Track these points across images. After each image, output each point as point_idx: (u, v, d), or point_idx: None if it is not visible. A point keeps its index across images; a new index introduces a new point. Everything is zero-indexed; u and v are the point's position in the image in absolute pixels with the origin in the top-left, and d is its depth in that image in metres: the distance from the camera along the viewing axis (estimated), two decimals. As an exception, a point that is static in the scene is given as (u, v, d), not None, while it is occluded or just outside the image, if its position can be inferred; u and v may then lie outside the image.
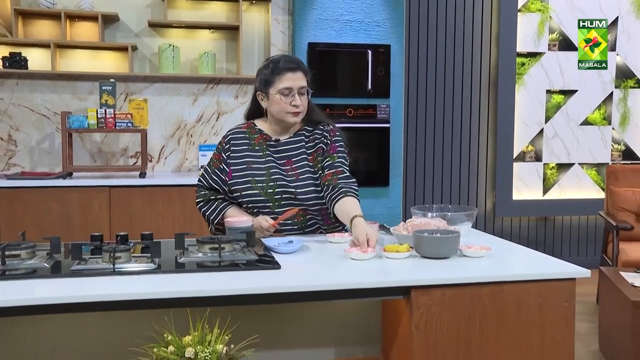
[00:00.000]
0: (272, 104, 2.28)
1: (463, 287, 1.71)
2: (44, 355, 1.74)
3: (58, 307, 1.53)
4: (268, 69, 2.28)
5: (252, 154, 2.34)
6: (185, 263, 1.82)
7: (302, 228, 2.32)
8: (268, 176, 2.29)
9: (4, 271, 1.70)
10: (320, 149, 2.33)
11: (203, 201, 2.39)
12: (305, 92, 2.29)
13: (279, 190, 2.26)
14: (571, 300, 1.76)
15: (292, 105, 2.25)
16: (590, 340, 3.74)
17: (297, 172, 2.30)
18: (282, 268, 1.78)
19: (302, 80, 2.27)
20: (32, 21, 4.35)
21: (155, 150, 4.62)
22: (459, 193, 5.34)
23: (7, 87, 4.35)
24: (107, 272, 1.72)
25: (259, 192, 2.26)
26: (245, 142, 2.36)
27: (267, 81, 2.27)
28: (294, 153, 2.34)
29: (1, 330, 1.71)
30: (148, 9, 4.55)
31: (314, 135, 2.36)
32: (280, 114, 2.28)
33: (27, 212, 3.83)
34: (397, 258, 1.88)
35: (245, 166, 2.31)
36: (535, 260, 1.95)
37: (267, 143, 2.35)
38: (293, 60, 2.29)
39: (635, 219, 4.28)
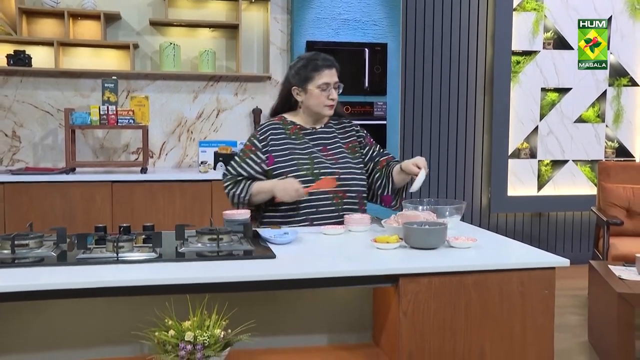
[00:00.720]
0: (311, 97, 2.47)
1: (449, 275, 1.80)
2: (51, 339, 1.83)
3: (65, 293, 1.62)
4: (306, 66, 2.47)
5: (291, 141, 2.50)
6: (185, 252, 1.91)
7: (338, 210, 2.44)
8: (311, 160, 2.46)
9: (14, 259, 1.79)
10: (356, 141, 2.60)
11: (231, 184, 2.50)
12: (338, 87, 2.50)
13: (323, 172, 2.43)
14: (551, 288, 1.85)
15: (329, 98, 2.47)
16: (579, 332, 3.83)
17: (336, 157, 2.50)
18: (277, 257, 1.87)
19: (336, 76, 2.49)
20: (36, 20, 4.43)
21: (156, 147, 4.71)
22: (454, 189, 5.43)
23: (12, 84, 4.44)
24: (111, 260, 1.81)
25: (305, 173, 2.42)
26: (282, 131, 2.52)
27: (307, 77, 2.46)
28: (329, 141, 2.55)
29: (12, 315, 1.80)
30: (149, 7, 4.64)
31: (344, 127, 2.62)
32: (318, 107, 2.48)
33: (32, 206, 3.92)
34: (387, 249, 1.97)
35: (288, 152, 2.47)
36: (518, 251, 2.04)
37: (302, 132, 2.53)
38: (328, 58, 2.50)
39: (625, 214, 4.37)
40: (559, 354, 3.49)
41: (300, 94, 2.50)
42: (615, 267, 3.49)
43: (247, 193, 2.44)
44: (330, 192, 2.41)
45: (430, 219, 2.14)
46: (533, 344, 1.85)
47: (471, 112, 5.40)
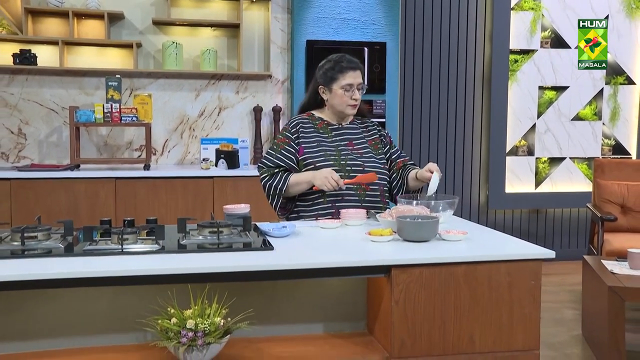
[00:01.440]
0: (335, 97, 2.60)
1: (439, 266, 1.88)
2: (59, 326, 1.91)
3: (72, 282, 1.71)
4: (333, 67, 2.59)
5: (320, 135, 2.63)
6: (187, 244, 1.99)
7: (361, 202, 2.55)
8: (338, 152, 2.59)
9: (23, 250, 1.88)
10: (379, 139, 2.73)
11: (267, 175, 2.59)
12: (361, 88, 2.61)
13: (350, 162, 2.57)
14: (537, 278, 1.92)
15: (352, 99, 2.59)
16: (574, 326, 3.91)
17: (361, 151, 2.64)
18: (275, 249, 1.95)
19: (360, 78, 2.61)
20: (41, 19, 4.51)
21: (158, 144, 4.79)
22: (453, 186, 5.50)
23: (17, 83, 4.53)
24: (116, 252, 1.89)
25: (333, 163, 2.55)
26: (311, 125, 2.65)
27: (332, 78, 2.58)
28: (354, 137, 2.68)
29: (21, 304, 1.88)
30: (152, 7, 4.71)
31: (368, 126, 2.76)
32: (341, 106, 2.61)
33: (38, 201, 4.01)
34: (380, 241, 2.05)
35: (316, 144, 2.60)
36: (506, 243, 2.12)
37: (329, 127, 2.66)
38: (353, 60, 2.62)
39: (620, 210, 4.44)
40: (553, 347, 3.57)
41: (325, 93, 2.63)
42: (608, 262, 3.56)
43: (285, 184, 2.53)
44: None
45: (423, 213, 2.22)
46: (520, 332, 1.93)
47: (469, 110, 5.47)
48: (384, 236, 2.06)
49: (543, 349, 3.53)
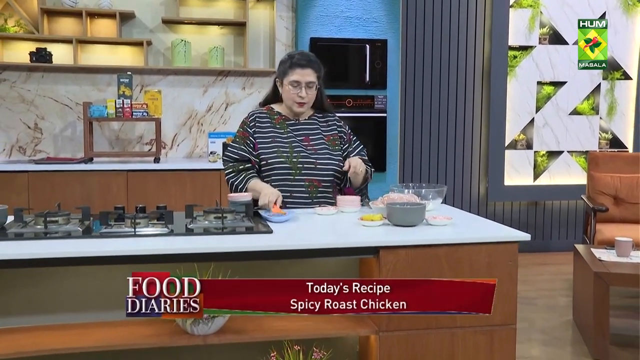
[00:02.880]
0: (284, 92, 2.66)
1: (423, 248, 2.06)
2: (78, 302, 2.10)
3: (90, 260, 1.90)
4: (286, 62, 2.65)
5: (275, 130, 2.68)
6: (194, 228, 2.17)
7: (312, 198, 2.63)
8: (291, 148, 2.63)
9: (46, 233, 2.07)
10: (337, 135, 2.74)
11: (233, 172, 2.65)
12: (312, 87, 2.63)
13: (302, 160, 2.61)
14: (514, 259, 2.10)
15: (299, 96, 2.62)
16: (565, 312, 4.07)
17: (316, 147, 2.66)
18: (274, 232, 2.13)
19: (311, 76, 2.62)
20: (56, 19, 4.70)
21: (168, 138, 4.98)
22: (453, 179, 5.66)
23: (34, 80, 4.73)
24: (129, 234, 2.08)
25: (284, 160, 2.59)
26: (268, 120, 2.70)
27: (283, 72, 2.64)
28: (311, 132, 2.70)
29: (45, 280, 2.08)
30: (162, 6, 4.90)
31: (328, 121, 2.76)
32: (289, 102, 2.66)
33: (54, 193, 4.20)
34: (371, 226, 2.23)
35: (271, 139, 2.65)
36: (487, 227, 2.29)
37: (286, 122, 2.70)
38: (305, 58, 2.64)
39: (613, 202, 4.58)
40: (545, 331, 3.74)
41: (280, 87, 2.69)
42: (597, 250, 3.72)
43: (244, 186, 2.61)
44: (306, 180, 2.60)
45: (412, 200, 2.39)
46: (499, 309, 2.09)
47: (469, 104, 5.63)
48: (375, 221, 2.24)
49: (535, 333, 3.72)
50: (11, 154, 4.73)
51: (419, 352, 2.08)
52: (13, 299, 2.08)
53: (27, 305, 2.08)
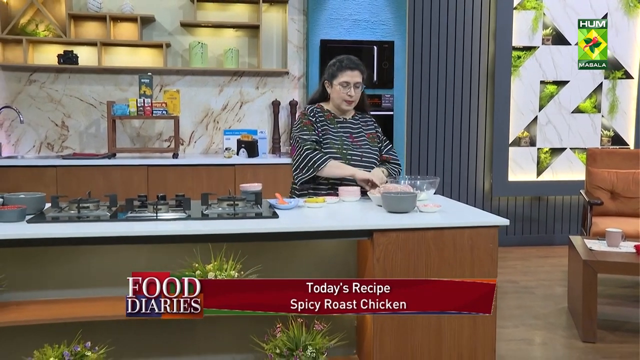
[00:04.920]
0: (334, 92, 2.97)
1: (412, 231, 2.30)
2: (106, 278, 2.38)
3: (117, 240, 2.17)
4: (334, 65, 2.95)
5: (327, 124, 2.98)
6: (209, 214, 2.44)
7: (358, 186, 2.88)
8: (341, 141, 2.95)
9: (79, 217, 2.35)
10: (375, 134, 3.08)
11: (312, 149, 2.86)
12: (359, 87, 2.95)
13: (350, 152, 2.93)
14: (495, 242, 2.33)
15: (348, 95, 2.92)
16: (561, 301, 4.28)
17: (359, 143, 2.98)
18: (280, 217, 2.39)
19: (358, 77, 2.93)
20: (82, 23, 4.99)
21: (186, 135, 5.26)
22: (459, 175, 5.88)
23: (61, 81, 5.03)
24: (152, 218, 2.35)
25: (336, 151, 2.90)
26: (322, 115, 2.99)
27: (333, 74, 2.95)
28: (354, 130, 3.02)
29: (78, 259, 2.36)
30: (180, 10, 5.17)
31: (367, 121, 3.10)
32: (338, 100, 2.96)
33: (79, 186, 4.49)
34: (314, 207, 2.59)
35: (325, 132, 2.95)
36: (470, 213, 2.53)
37: (335, 119, 3.01)
38: (353, 61, 2.95)
39: (610, 196, 4.78)
40: (539, 317, 3.96)
41: (328, 87, 3.00)
42: (589, 241, 3.93)
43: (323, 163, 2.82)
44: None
45: (406, 189, 2.63)
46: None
47: (474, 103, 5.84)
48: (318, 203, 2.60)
49: (529, 319, 3.95)
50: (40, 150, 5.05)
51: (409, 327, 2.33)
52: (51, 275, 2.36)
53: (63, 280, 2.37)
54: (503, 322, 3.81)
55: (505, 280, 4.78)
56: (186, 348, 2.46)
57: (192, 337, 2.46)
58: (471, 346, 2.38)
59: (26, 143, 5.02)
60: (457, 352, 2.38)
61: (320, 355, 2.29)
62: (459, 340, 2.37)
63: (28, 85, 4.98)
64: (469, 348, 2.38)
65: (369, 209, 2.60)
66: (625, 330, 3.67)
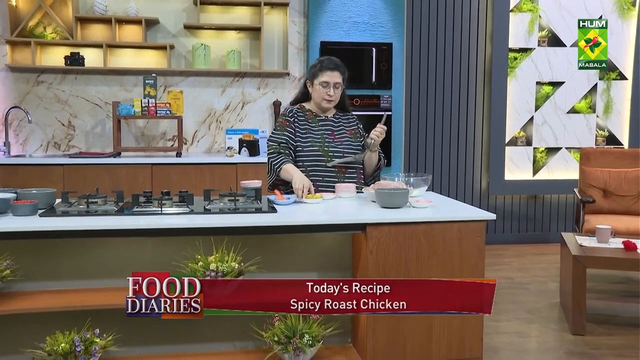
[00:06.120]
0: (315, 91, 3.10)
1: (404, 225, 2.43)
2: (113, 269, 2.50)
3: (124, 232, 2.30)
4: (316, 66, 3.08)
5: (308, 124, 3.11)
6: (211, 208, 2.56)
7: (340, 181, 3.04)
8: (322, 139, 3.08)
9: (88, 211, 2.48)
10: (357, 130, 3.20)
11: (274, 153, 3.03)
12: (339, 87, 3.07)
13: (332, 149, 3.05)
14: (482, 235, 2.46)
15: (328, 94, 3.05)
16: (554, 296, 4.40)
17: (341, 140, 3.11)
18: (278, 212, 2.51)
19: (338, 78, 3.06)
20: (88, 25, 5.12)
21: (189, 134, 5.38)
22: (456, 174, 6.00)
23: (68, 81, 5.16)
24: (156, 212, 2.48)
25: (317, 149, 3.03)
26: (302, 115, 3.13)
27: (314, 74, 3.07)
28: (336, 128, 3.14)
29: (87, 251, 2.49)
30: (184, 13, 5.30)
31: (349, 119, 3.22)
32: (318, 99, 3.09)
33: (86, 184, 4.61)
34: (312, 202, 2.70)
35: (306, 131, 3.08)
36: (459, 208, 2.66)
37: (317, 118, 3.14)
38: (333, 62, 3.07)
39: (602, 194, 4.89)
40: (531, 311, 4.07)
41: (310, 87, 3.14)
42: (580, 237, 4.04)
43: (279, 167, 2.97)
44: (336, 166, 3.02)
45: (399, 186, 2.76)
46: (468, 277, 2.45)
47: (471, 103, 5.95)
48: (316, 199, 2.71)
49: (522, 313, 4.06)
50: (47, 149, 5.18)
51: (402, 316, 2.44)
52: (62, 266, 2.49)
53: (73, 271, 2.49)
54: (497, 316, 3.92)
55: (501, 276, 4.90)
56: (189, 336, 2.59)
57: (195, 326, 2.58)
58: (460, 335, 2.50)
59: (34, 142, 5.16)
60: (447, 341, 2.50)
61: (316, 343, 2.41)
62: (449, 330, 2.49)
63: (36, 86, 5.11)
64: (458, 337, 2.50)
65: (363, 204, 2.72)
66: (613, 324, 3.78)
